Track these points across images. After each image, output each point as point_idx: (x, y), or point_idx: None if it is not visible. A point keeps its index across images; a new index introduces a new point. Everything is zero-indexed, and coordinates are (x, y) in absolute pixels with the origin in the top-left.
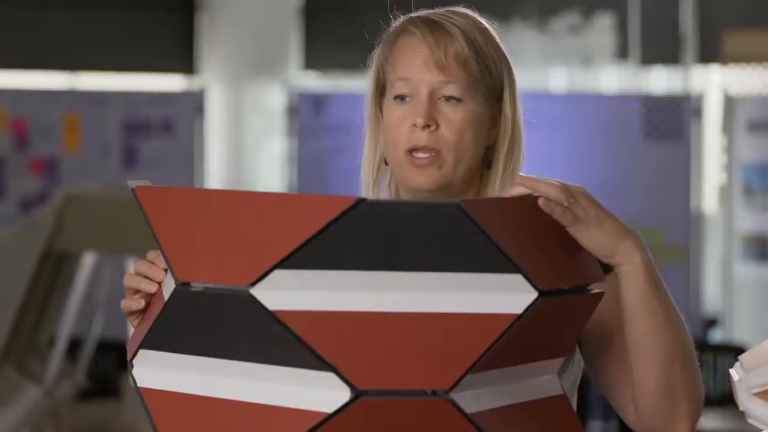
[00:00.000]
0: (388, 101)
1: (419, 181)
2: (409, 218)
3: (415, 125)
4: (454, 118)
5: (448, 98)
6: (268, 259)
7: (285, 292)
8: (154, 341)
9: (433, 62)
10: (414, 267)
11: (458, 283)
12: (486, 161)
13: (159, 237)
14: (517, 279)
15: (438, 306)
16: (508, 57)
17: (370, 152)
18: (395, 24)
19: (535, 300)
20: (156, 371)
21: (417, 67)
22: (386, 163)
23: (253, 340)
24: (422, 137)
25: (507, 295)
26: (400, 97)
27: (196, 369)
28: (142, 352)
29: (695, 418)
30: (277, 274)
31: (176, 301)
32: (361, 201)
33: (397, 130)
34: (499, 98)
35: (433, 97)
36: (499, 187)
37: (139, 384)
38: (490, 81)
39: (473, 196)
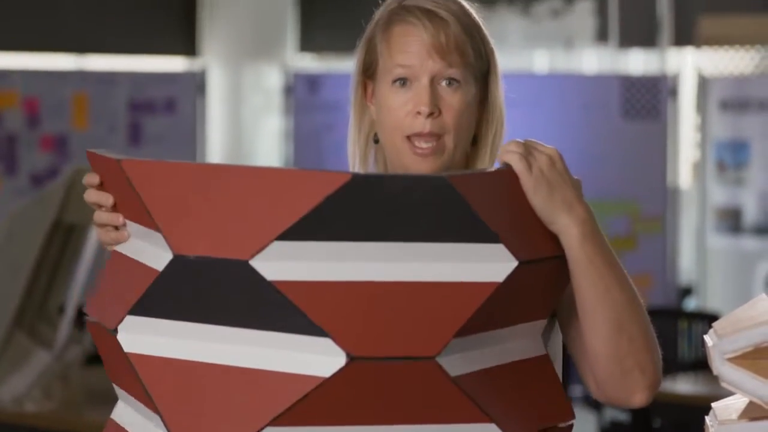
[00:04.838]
0: (384, 85)
1: (421, 168)
2: (399, 191)
3: (419, 113)
4: (453, 102)
5: (449, 82)
6: (268, 231)
7: (282, 263)
8: (146, 308)
9: (435, 49)
10: (404, 238)
11: (444, 252)
12: (473, 139)
13: (151, 209)
14: (499, 249)
15: (426, 275)
16: (490, 40)
17: (355, 132)
18: (387, 8)
19: (515, 269)
20: (147, 337)
21: (418, 54)
22: (375, 142)
23: (249, 307)
24: (426, 124)
25: (489, 265)
26: (401, 81)
27: (190, 335)
28: (130, 319)
29: (651, 389)
30: (275, 245)
31: (174, 270)
32: (356, 176)
33: (397, 115)
34: (485, 79)
35: (434, 83)
36: (489, 164)
37: (127, 350)
38: (480, 63)
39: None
